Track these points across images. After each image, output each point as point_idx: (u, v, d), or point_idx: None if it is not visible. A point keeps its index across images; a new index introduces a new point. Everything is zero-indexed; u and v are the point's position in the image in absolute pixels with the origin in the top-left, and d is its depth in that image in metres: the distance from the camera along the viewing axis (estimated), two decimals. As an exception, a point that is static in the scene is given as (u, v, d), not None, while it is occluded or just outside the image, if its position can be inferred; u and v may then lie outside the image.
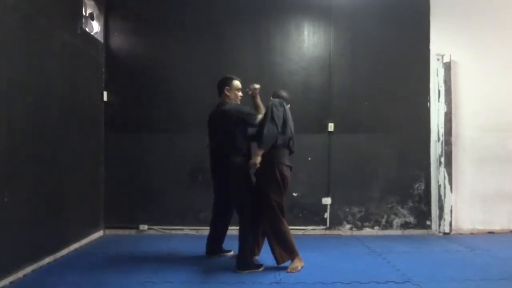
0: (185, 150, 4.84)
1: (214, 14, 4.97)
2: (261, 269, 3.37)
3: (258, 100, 3.48)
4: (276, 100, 3.50)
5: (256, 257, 3.55)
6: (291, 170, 3.53)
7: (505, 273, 3.32)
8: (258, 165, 3.33)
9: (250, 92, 3.47)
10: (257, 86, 3.46)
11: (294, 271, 3.35)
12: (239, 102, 3.64)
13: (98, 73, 4.77)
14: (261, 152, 3.32)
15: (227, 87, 3.58)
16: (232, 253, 3.81)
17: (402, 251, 4.09)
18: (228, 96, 3.58)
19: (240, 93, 3.65)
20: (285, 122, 3.42)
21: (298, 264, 3.41)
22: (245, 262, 3.35)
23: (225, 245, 3.90)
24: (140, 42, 4.99)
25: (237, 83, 3.63)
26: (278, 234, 3.38)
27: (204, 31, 4.95)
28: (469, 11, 4.99)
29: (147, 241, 4.46)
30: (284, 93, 3.74)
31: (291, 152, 3.57)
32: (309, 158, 4.86)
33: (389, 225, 4.96)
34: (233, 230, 3.84)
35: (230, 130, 3.45)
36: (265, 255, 3.61)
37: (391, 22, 5.01)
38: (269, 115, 3.34)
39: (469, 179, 4.95)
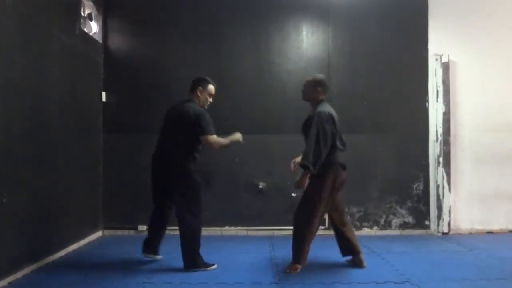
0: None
1: (213, 14, 4.97)
2: (211, 268, 3.39)
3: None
4: (325, 114, 3.30)
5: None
6: (345, 169, 3.44)
7: (504, 273, 3.33)
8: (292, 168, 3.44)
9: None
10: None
11: (293, 271, 3.34)
12: (206, 107, 3.53)
13: (96, 74, 4.77)
14: (308, 174, 3.29)
15: (200, 88, 3.49)
16: (160, 257, 3.69)
17: (401, 251, 4.10)
18: (199, 97, 3.49)
19: (211, 99, 3.57)
20: (334, 135, 3.31)
21: (298, 266, 3.39)
22: (193, 261, 3.37)
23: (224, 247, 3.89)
24: (138, 42, 4.99)
25: (212, 87, 3.54)
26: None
27: (202, 32, 4.95)
28: (468, 11, 4.99)
29: (146, 241, 4.46)
30: (323, 79, 3.54)
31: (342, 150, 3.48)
32: (308, 158, 4.85)
33: (387, 225, 4.97)
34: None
35: (180, 129, 3.36)
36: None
37: (390, 22, 5.01)
38: (315, 135, 3.23)
39: (467, 179, 4.96)
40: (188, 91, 3.55)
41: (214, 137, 3.37)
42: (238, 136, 3.55)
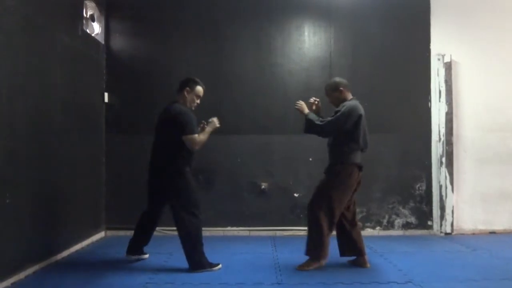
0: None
1: (214, 15, 4.98)
2: (217, 268, 3.40)
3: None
4: (349, 108, 3.36)
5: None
6: (361, 169, 3.45)
7: (507, 273, 3.32)
8: (298, 106, 3.56)
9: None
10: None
11: (300, 269, 3.37)
12: (193, 108, 3.50)
13: (99, 75, 4.78)
14: (304, 111, 3.53)
15: (188, 88, 3.44)
16: (147, 255, 3.76)
17: (404, 252, 4.09)
18: (185, 97, 3.44)
19: (198, 101, 3.52)
20: (351, 132, 3.37)
21: (311, 266, 3.39)
22: (198, 262, 3.35)
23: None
24: (141, 43, 5.00)
25: (200, 89, 3.49)
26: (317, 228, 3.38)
27: (204, 32, 4.96)
28: (470, 10, 4.98)
29: (149, 242, 4.47)
30: (338, 79, 3.64)
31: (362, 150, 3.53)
32: (310, 159, 4.86)
33: (390, 225, 4.95)
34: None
35: (167, 130, 3.35)
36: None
37: (392, 22, 5.01)
38: (332, 119, 3.35)
39: (470, 179, 4.94)
40: (176, 92, 3.51)
41: (194, 137, 3.29)
42: (214, 122, 3.48)
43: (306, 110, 3.54)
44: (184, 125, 3.27)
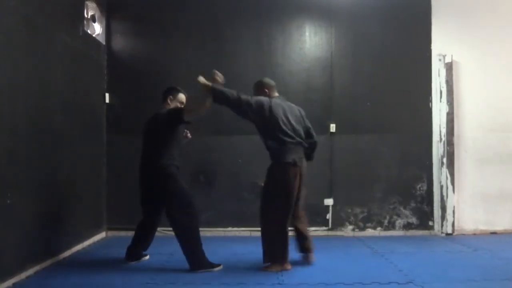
0: (186, 151, 4.83)
1: (215, 15, 4.98)
2: (217, 268, 3.40)
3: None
4: (262, 98, 3.43)
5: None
6: (295, 164, 3.35)
7: (508, 274, 3.31)
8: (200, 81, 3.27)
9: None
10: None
11: (265, 270, 3.39)
12: None
13: (100, 75, 4.78)
14: (207, 86, 3.26)
15: (170, 97, 3.58)
16: (147, 257, 3.79)
17: (405, 252, 4.08)
18: (169, 105, 3.57)
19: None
20: (265, 129, 3.40)
21: (273, 268, 3.39)
22: (198, 262, 3.36)
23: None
24: (142, 43, 5.00)
25: (182, 96, 3.62)
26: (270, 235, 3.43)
27: (205, 33, 4.96)
28: (471, 11, 4.97)
29: (149, 242, 4.46)
30: (263, 80, 3.71)
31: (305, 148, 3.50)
32: (311, 159, 4.84)
33: (391, 225, 4.95)
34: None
35: (158, 132, 3.44)
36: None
37: (393, 22, 5.00)
38: (246, 103, 3.31)
39: (471, 180, 4.93)
40: (161, 102, 3.61)
41: (187, 109, 3.36)
42: (201, 79, 3.33)
43: (208, 82, 3.27)
44: (175, 113, 3.38)
